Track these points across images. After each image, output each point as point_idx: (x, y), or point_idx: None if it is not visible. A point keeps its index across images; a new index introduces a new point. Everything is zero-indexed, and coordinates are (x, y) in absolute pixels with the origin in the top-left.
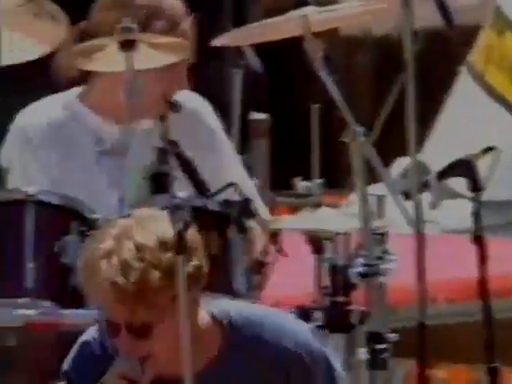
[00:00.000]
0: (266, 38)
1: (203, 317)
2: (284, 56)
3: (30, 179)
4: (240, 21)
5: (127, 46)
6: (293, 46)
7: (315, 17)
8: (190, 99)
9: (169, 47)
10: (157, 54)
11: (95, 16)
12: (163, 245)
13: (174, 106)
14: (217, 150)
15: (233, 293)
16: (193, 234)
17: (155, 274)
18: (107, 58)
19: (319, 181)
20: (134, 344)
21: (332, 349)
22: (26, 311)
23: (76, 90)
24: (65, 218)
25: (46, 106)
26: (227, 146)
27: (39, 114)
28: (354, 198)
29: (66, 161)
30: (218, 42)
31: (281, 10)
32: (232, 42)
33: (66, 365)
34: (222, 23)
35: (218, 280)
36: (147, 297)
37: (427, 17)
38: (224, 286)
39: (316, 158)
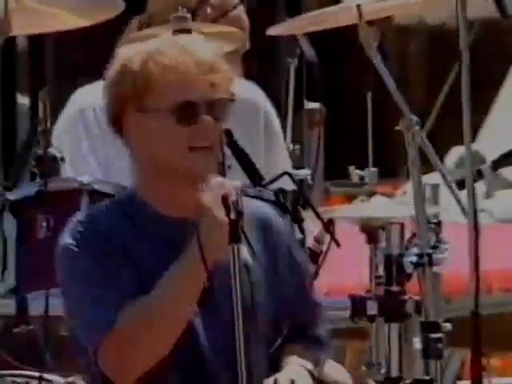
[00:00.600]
0: (321, 27)
1: None
2: (337, 44)
3: (80, 156)
4: (294, 11)
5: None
6: (346, 34)
7: (369, 6)
8: (246, 89)
9: (223, 36)
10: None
11: (151, 4)
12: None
13: None
14: (272, 141)
15: None
16: None
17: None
18: None
19: (373, 169)
20: (211, 126)
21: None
22: None
23: None
24: None
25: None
26: (280, 138)
27: (96, 95)
28: (408, 187)
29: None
30: (272, 31)
31: (335, 0)
32: (286, 31)
33: (65, 239)
34: (276, 13)
35: None
36: (224, 69)
37: (481, 6)
38: None
39: (370, 146)
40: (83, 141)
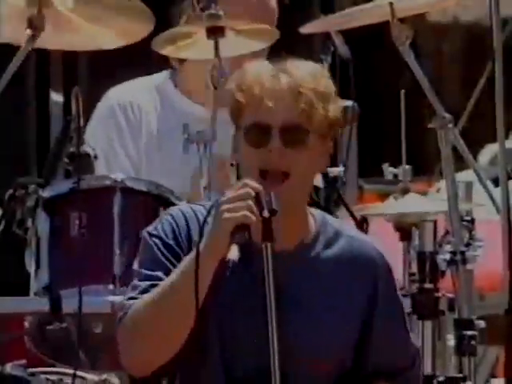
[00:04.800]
0: (354, 24)
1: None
2: (372, 42)
3: (113, 153)
4: (328, 8)
5: (215, 32)
6: (380, 31)
7: (402, 3)
8: None
9: (256, 34)
10: (244, 41)
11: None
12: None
13: None
14: None
15: None
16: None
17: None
18: (195, 46)
19: (407, 167)
20: (282, 152)
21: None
22: (113, 298)
23: (165, 73)
24: (152, 205)
25: (137, 87)
26: None
27: (128, 93)
28: (442, 184)
29: (151, 146)
30: (306, 29)
31: None
32: (320, 29)
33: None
34: (310, 10)
35: None
36: (313, 101)
37: None
38: None
39: (404, 144)
40: (114, 137)
